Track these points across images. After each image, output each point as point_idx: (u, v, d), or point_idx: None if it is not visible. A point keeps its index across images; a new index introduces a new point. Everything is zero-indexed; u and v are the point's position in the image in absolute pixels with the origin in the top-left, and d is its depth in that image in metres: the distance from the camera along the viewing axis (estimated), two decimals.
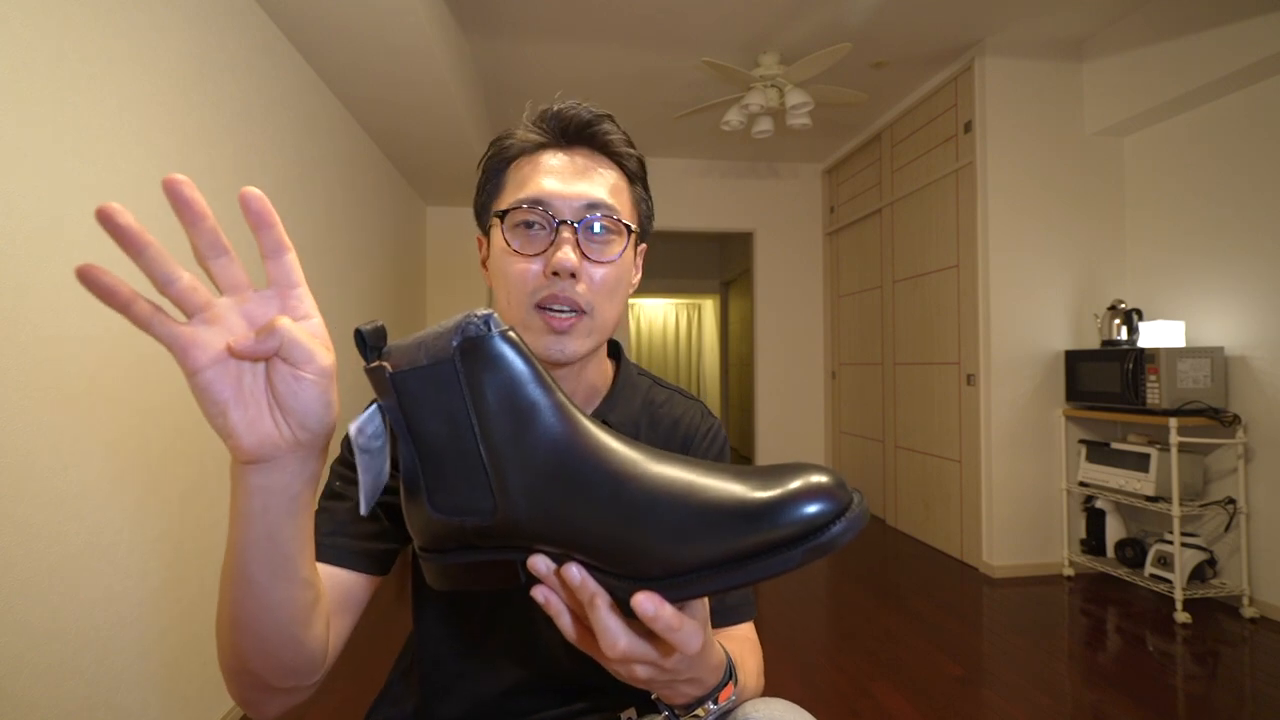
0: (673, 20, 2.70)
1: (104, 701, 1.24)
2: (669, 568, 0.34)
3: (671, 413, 0.70)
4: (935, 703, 1.75)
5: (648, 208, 0.66)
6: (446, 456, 0.37)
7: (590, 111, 0.60)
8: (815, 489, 0.33)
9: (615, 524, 0.34)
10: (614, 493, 0.34)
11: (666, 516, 0.33)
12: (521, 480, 0.36)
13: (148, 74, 1.40)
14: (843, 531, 0.32)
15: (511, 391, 0.36)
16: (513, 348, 0.36)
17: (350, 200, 2.73)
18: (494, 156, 0.62)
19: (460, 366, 0.36)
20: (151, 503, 1.40)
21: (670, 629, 0.35)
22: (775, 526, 0.32)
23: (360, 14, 1.93)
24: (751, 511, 0.33)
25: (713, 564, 0.33)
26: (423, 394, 0.37)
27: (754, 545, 0.32)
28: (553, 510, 0.35)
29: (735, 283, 6.24)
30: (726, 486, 0.34)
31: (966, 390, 3.00)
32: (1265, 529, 2.31)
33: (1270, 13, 2.17)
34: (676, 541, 0.33)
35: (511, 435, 0.36)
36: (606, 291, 0.59)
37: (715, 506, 0.33)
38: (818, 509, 0.32)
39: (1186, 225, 2.65)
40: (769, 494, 0.33)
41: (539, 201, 0.57)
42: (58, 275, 1.14)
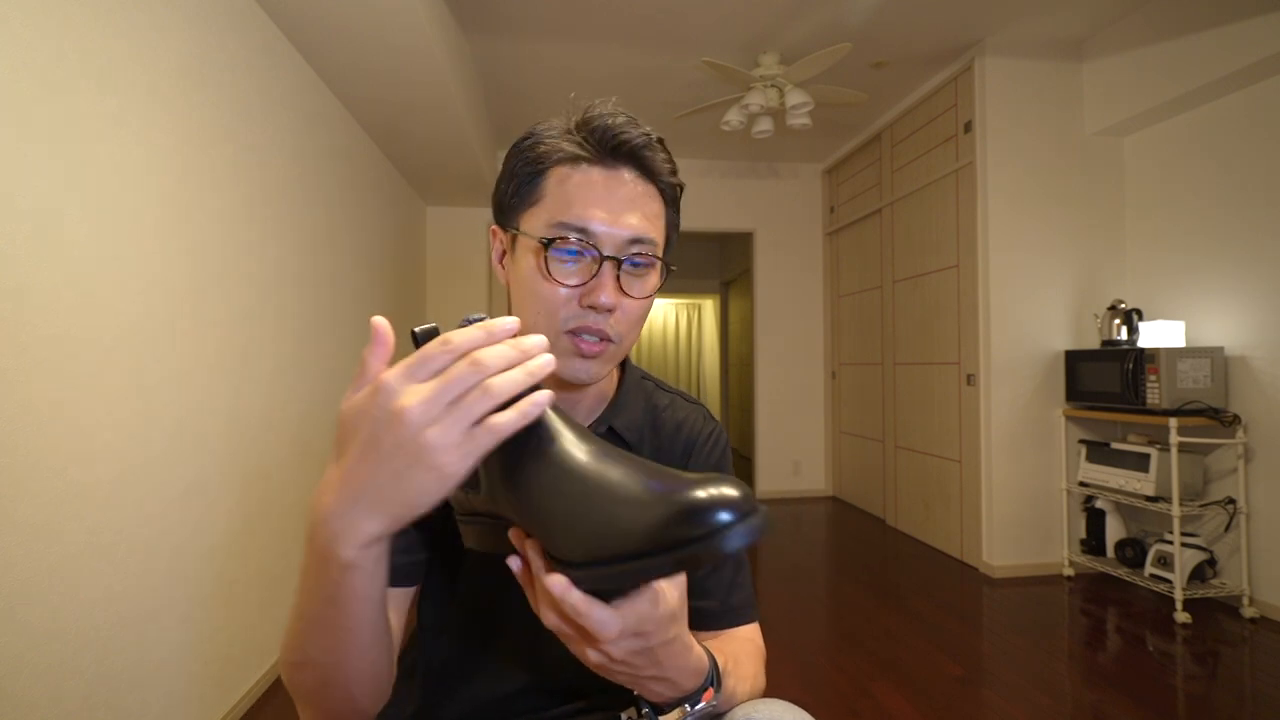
0: (673, 20, 2.70)
1: (104, 701, 1.24)
2: (576, 558, 0.37)
3: (674, 417, 0.72)
4: (935, 703, 1.75)
5: (676, 231, 0.65)
6: None
7: (644, 136, 0.58)
8: (720, 499, 0.35)
9: (546, 512, 0.39)
10: (548, 486, 0.39)
11: (582, 513, 0.37)
12: (485, 463, 0.41)
13: (148, 74, 1.40)
14: (742, 535, 0.34)
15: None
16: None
17: (350, 200, 2.73)
18: (530, 155, 0.59)
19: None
20: (151, 503, 1.40)
21: (576, 613, 0.37)
22: (689, 528, 0.34)
23: (360, 14, 1.93)
24: (651, 521, 0.35)
25: (628, 556, 0.36)
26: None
27: (646, 547, 0.35)
28: (510, 494, 0.41)
29: (735, 283, 6.24)
30: (637, 488, 0.37)
31: (966, 390, 3.00)
32: (1265, 529, 2.31)
33: (1270, 13, 2.17)
34: (587, 536, 0.37)
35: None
36: (635, 321, 0.60)
37: (619, 504, 0.37)
38: (722, 516, 0.34)
39: (1186, 225, 2.65)
40: (671, 501, 0.35)
41: (585, 231, 0.55)
42: (57, 275, 1.14)
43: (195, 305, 1.58)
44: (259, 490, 1.89)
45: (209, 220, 1.64)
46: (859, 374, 4.12)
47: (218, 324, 1.68)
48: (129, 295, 1.34)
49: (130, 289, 1.34)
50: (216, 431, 1.67)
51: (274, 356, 2.00)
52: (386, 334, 0.42)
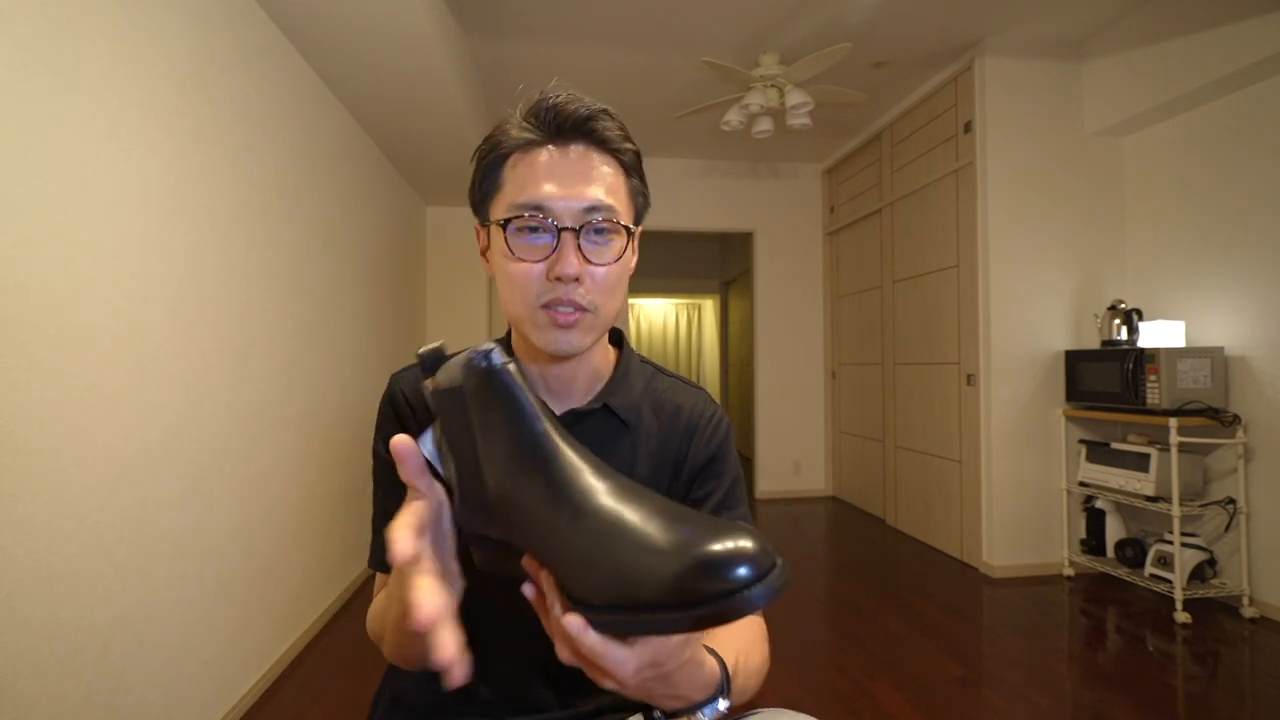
0: (673, 20, 2.70)
1: (104, 700, 1.24)
2: (594, 601, 0.37)
3: (674, 399, 0.71)
4: (935, 703, 1.75)
5: (644, 198, 0.66)
6: (465, 461, 0.43)
7: (587, 107, 0.59)
8: (737, 552, 0.34)
9: (564, 549, 0.38)
10: (568, 524, 0.38)
11: (602, 556, 0.36)
12: (501, 494, 0.41)
13: (147, 74, 1.40)
14: (770, 590, 0.34)
15: (505, 417, 0.41)
16: (511, 379, 0.41)
17: (350, 200, 2.73)
18: (489, 151, 0.62)
19: (468, 391, 0.42)
20: (151, 502, 1.40)
21: (594, 654, 0.37)
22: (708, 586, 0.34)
23: (360, 14, 1.93)
24: (671, 573, 0.35)
25: (628, 607, 0.35)
26: (448, 408, 0.43)
27: (665, 600, 0.34)
28: (526, 526, 0.40)
29: (735, 283, 6.24)
30: (658, 536, 0.36)
31: (966, 390, 3.00)
32: (1265, 529, 2.31)
33: (1269, 13, 2.17)
34: (605, 582, 0.36)
35: (498, 459, 0.41)
36: (608, 289, 0.60)
37: (639, 553, 0.36)
38: (749, 573, 0.34)
39: (1186, 225, 2.65)
40: (692, 555, 0.34)
41: (540, 208, 0.57)
42: (57, 275, 1.15)
43: (195, 305, 1.58)
44: (259, 490, 1.89)
45: (208, 220, 1.64)
46: (859, 374, 4.12)
47: (217, 324, 1.68)
48: (129, 295, 1.34)
49: (130, 289, 1.34)
50: (216, 431, 1.67)
51: (273, 356, 2.00)
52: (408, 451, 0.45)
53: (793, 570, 1.00)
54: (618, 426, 0.66)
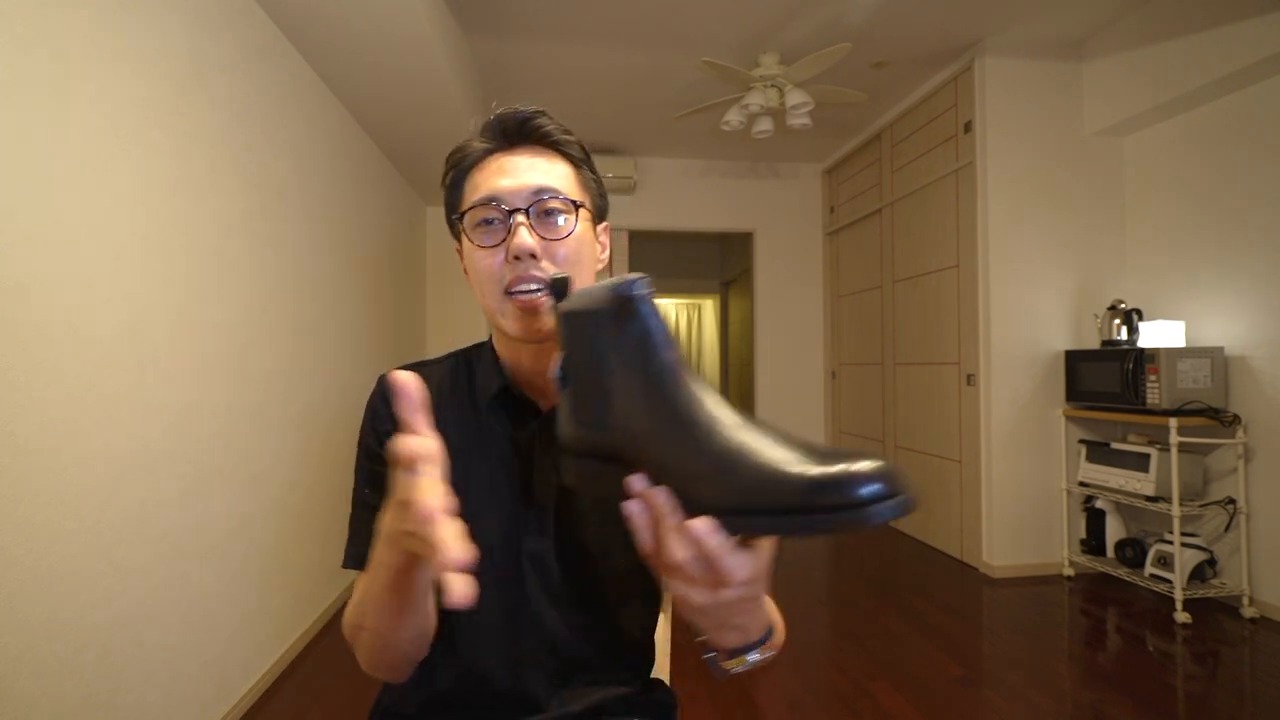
0: (673, 20, 2.70)
1: (104, 700, 1.24)
2: (726, 505, 0.39)
3: None
4: (935, 703, 1.75)
5: (599, 187, 0.71)
6: (587, 379, 0.47)
7: (525, 110, 0.65)
8: (877, 468, 0.37)
9: (692, 462, 0.41)
10: (697, 440, 0.41)
11: (750, 466, 0.39)
12: (630, 413, 0.44)
13: (148, 74, 1.40)
14: (890, 510, 0.37)
15: (639, 341, 0.44)
16: (650, 308, 0.44)
17: (350, 200, 2.73)
18: (452, 169, 0.68)
19: (609, 312, 0.45)
20: (151, 502, 1.40)
21: (715, 555, 0.40)
22: (841, 492, 0.37)
23: (360, 14, 1.93)
24: (806, 481, 0.38)
25: (762, 510, 0.38)
26: (575, 330, 0.47)
27: (800, 504, 0.38)
28: (647, 443, 0.43)
29: (735, 283, 6.24)
30: (789, 453, 0.39)
31: (966, 390, 3.00)
32: (1265, 529, 2.31)
33: (1269, 13, 2.17)
34: (740, 487, 0.39)
35: (631, 375, 0.44)
36: (569, 265, 0.63)
37: (775, 464, 0.39)
38: (880, 488, 0.37)
39: (1186, 225, 2.65)
40: (826, 468, 0.38)
41: (492, 198, 0.62)
42: (57, 275, 1.15)
43: (195, 304, 1.58)
44: (259, 490, 1.89)
45: (208, 220, 1.64)
46: (859, 374, 4.12)
47: (217, 323, 1.68)
48: (129, 294, 1.34)
49: (130, 288, 1.34)
50: (216, 431, 1.67)
51: (274, 356, 2.00)
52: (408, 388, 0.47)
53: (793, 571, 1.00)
54: None
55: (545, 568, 0.64)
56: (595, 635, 0.67)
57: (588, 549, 0.65)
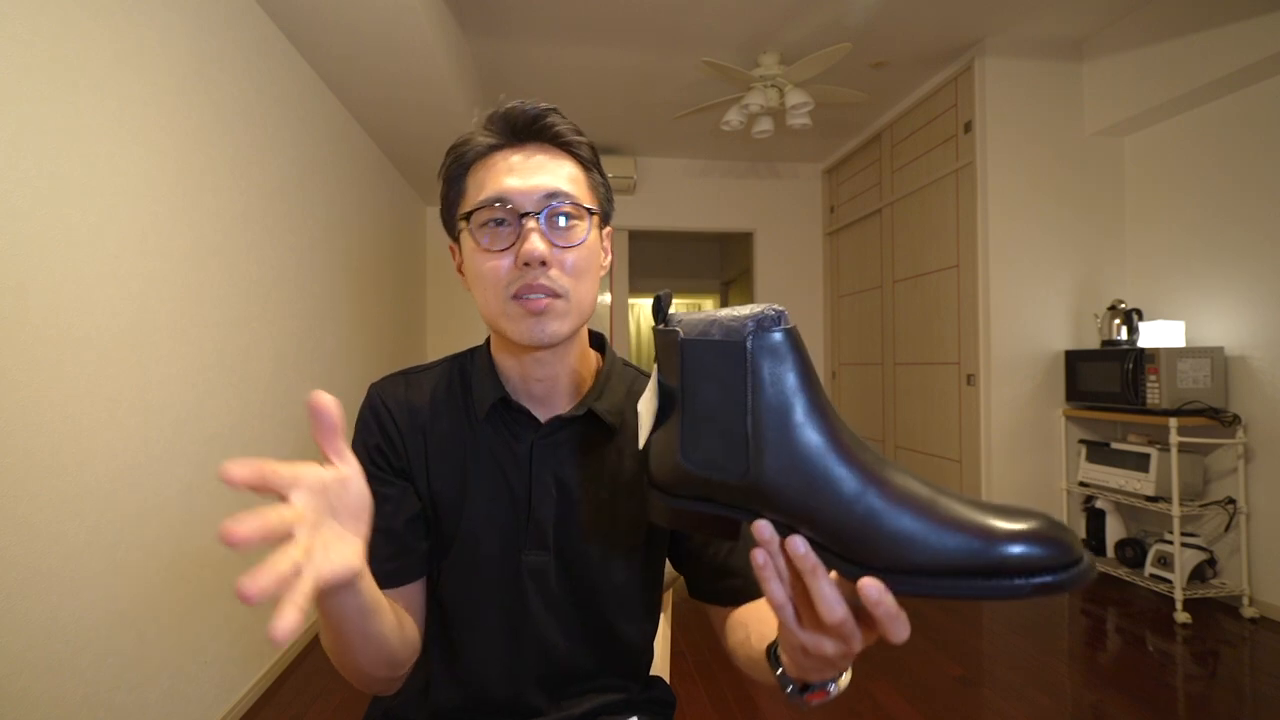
0: (673, 20, 2.70)
1: (103, 700, 1.24)
2: (896, 563, 0.37)
3: None
4: (935, 703, 1.75)
5: (607, 191, 0.67)
6: (712, 418, 0.42)
7: (536, 107, 0.61)
8: (1048, 533, 0.36)
9: (857, 515, 0.38)
10: (860, 491, 0.39)
11: (907, 519, 0.37)
12: (777, 456, 0.40)
13: (147, 74, 1.40)
14: (1060, 582, 0.35)
15: (785, 379, 0.41)
16: (794, 344, 0.41)
17: (350, 200, 2.73)
18: (452, 164, 0.64)
19: (750, 347, 0.41)
20: (151, 502, 1.40)
21: (890, 616, 0.37)
22: (1001, 555, 0.35)
23: (360, 14, 1.93)
24: (983, 533, 0.36)
25: (937, 572, 0.37)
26: (708, 362, 0.42)
27: (978, 565, 0.36)
28: (799, 491, 0.40)
29: (735, 283, 6.24)
30: (963, 509, 0.38)
31: (966, 390, 3.00)
32: (1265, 529, 2.31)
33: (1269, 13, 2.17)
34: (910, 542, 0.37)
35: (778, 415, 0.40)
36: (578, 274, 0.60)
37: (953, 521, 0.37)
38: (1047, 552, 0.36)
39: (1187, 225, 2.65)
40: (1002, 525, 0.36)
41: (501, 198, 0.59)
42: (58, 275, 1.15)
43: (195, 305, 1.58)
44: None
45: (208, 220, 1.64)
46: (859, 374, 4.12)
47: (218, 323, 1.68)
48: (129, 295, 1.34)
49: (130, 288, 1.34)
50: (216, 431, 1.67)
51: (274, 356, 2.00)
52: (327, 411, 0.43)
53: None
54: (602, 432, 0.65)
55: (545, 581, 0.63)
56: (596, 647, 0.66)
57: (588, 562, 0.64)
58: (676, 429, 0.44)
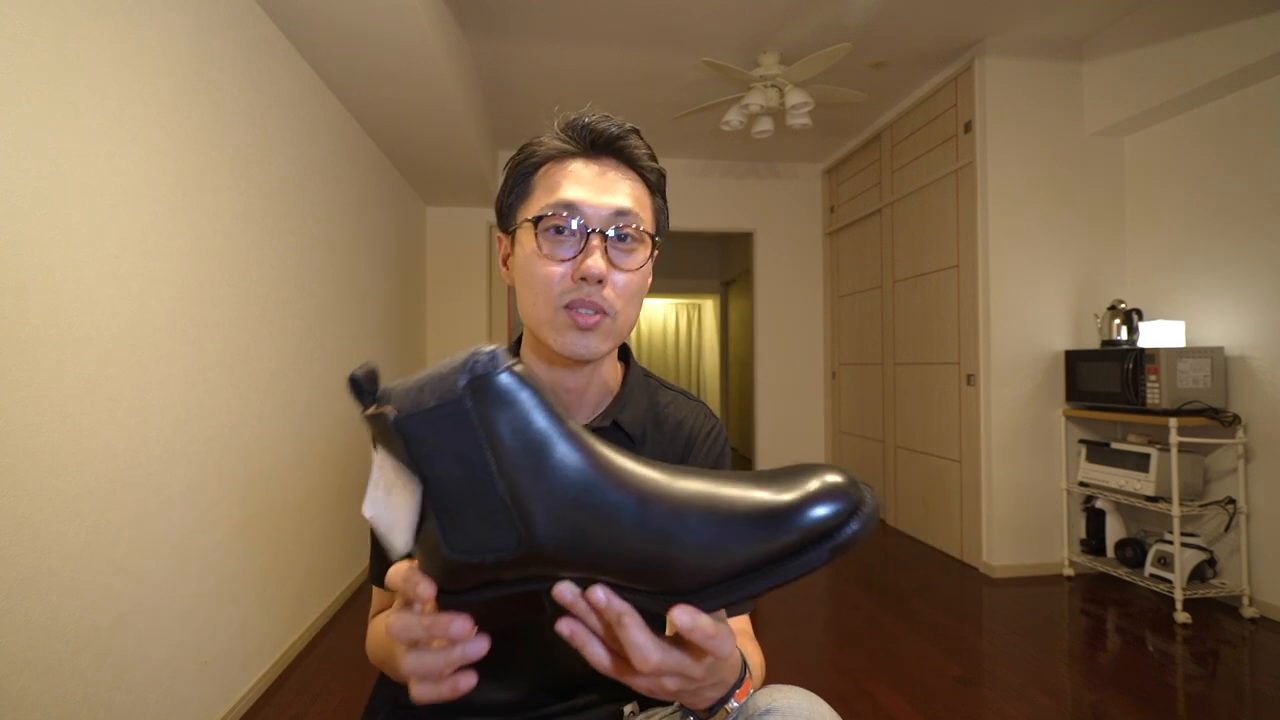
0: (673, 20, 2.70)
1: (103, 701, 1.24)
2: (700, 579, 0.35)
3: (676, 414, 0.73)
4: (935, 703, 1.75)
5: (665, 218, 0.69)
6: (461, 497, 0.37)
7: (619, 126, 0.63)
8: (830, 489, 0.34)
9: (644, 542, 0.35)
10: (640, 513, 0.35)
11: (694, 529, 0.35)
12: (545, 511, 0.36)
13: (147, 74, 1.40)
14: (860, 529, 0.34)
15: (526, 425, 0.36)
16: (522, 382, 0.36)
17: (350, 200, 2.73)
18: (523, 160, 0.64)
19: (471, 405, 0.35)
20: (151, 502, 1.40)
21: (708, 637, 0.36)
22: (797, 528, 0.34)
23: (360, 13, 1.93)
24: (774, 516, 0.34)
25: (741, 571, 0.34)
26: (432, 436, 0.36)
27: (779, 549, 0.34)
28: (579, 537, 0.36)
29: (735, 283, 6.24)
30: (747, 494, 0.35)
31: (966, 390, 3.00)
32: (1265, 529, 2.31)
33: (1269, 13, 2.17)
34: (706, 553, 0.34)
35: (531, 469, 0.36)
36: (629, 296, 0.62)
37: (739, 514, 0.34)
38: (833, 509, 0.34)
39: (1187, 225, 2.65)
40: (787, 497, 0.34)
41: (570, 207, 0.59)
42: (58, 275, 1.15)
43: (195, 305, 1.58)
44: (259, 490, 1.89)
45: (208, 220, 1.64)
46: (859, 374, 4.12)
47: (218, 323, 1.68)
48: (129, 295, 1.34)
49: (130, 288, 1.34)
50: (216, 431, 1.67)
51: (274, 356, 2.00)
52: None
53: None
54: (625, 443, 0.67)
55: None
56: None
57: None
58: (433, 521, 0.38)
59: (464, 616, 0.39)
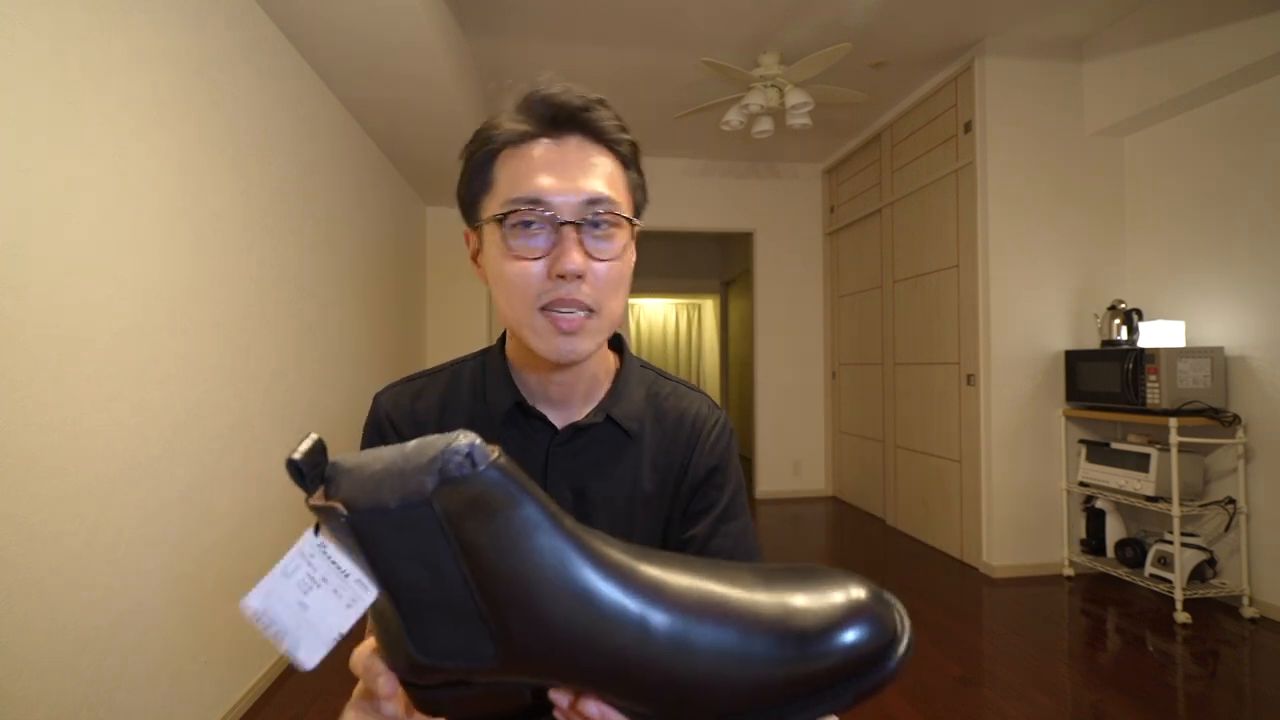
0: (673, 20, 2.70)
1: (104, 701, 1.24)
2: (709, 711, 0.31)
3: (678, 405, 0.68)
4: (935, 703, 1.75)
5: (643, 192, 0.64)
6: (429, 603, 0.32)
7: (581, 96, 0.57)
8: (858, 609, 0.30)
9: (643, 664, 0.31)
10: (641, 632, 0.31)
11: (702, 654, 0.30)
12: (530, 628, 0.31)
13: (148, 74, 1.40)
14: (897, 667, 0.30)
15: (508, 534, 0.31)
16: (506, 481, 0.31)
17: (350, 200, 2.73)
18: (479, 148, 0.58)
19: (441, 510, 0.30)
20: (151, 502, 1.40)
21: None
22: (821, 658, 0.29)
23: (360, 14, 1.93)
24: (795, 638, 0.29)
25: (754, 708, 0.30)
26: (392, 540, 0.31)
27: (798, 680, 0.30)
28: (568, 656, 0.31)
29: (735, 283, 6.24)
30: (760, 601, 0.30)
31: (966, 390, 3.00)
32: (1265, 529, 2.31)
33: (1269, 13, 2.17)
34: (714, 682, 0.30)
35: (511, 579, 0.31)
36: (611, 287, 0.57)
37: (762, 626, 0.30)
38: (864, 637, 0.29)
39: (1186, 225, 2.65)
40: (810, 618, 0.30)
41: (537, 201, 0.54)
42: (58, 275, 1.15)
43: (195, 305, 1.58)
44: (259, 490, 1.89)
45: (209, 220, 1.64)
46: (859, 374, 4.12)
47: (218, 324, 1.68)
48: (129, 295, 1.34)
49: (130, 288, 1.34)
50: (216, 431, 1.67)
51: (274, 356, 2.00)
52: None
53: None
54: (620, 439, 0.63)
55: None
56: None
57: None
58: (395, 618, 0.33)
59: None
